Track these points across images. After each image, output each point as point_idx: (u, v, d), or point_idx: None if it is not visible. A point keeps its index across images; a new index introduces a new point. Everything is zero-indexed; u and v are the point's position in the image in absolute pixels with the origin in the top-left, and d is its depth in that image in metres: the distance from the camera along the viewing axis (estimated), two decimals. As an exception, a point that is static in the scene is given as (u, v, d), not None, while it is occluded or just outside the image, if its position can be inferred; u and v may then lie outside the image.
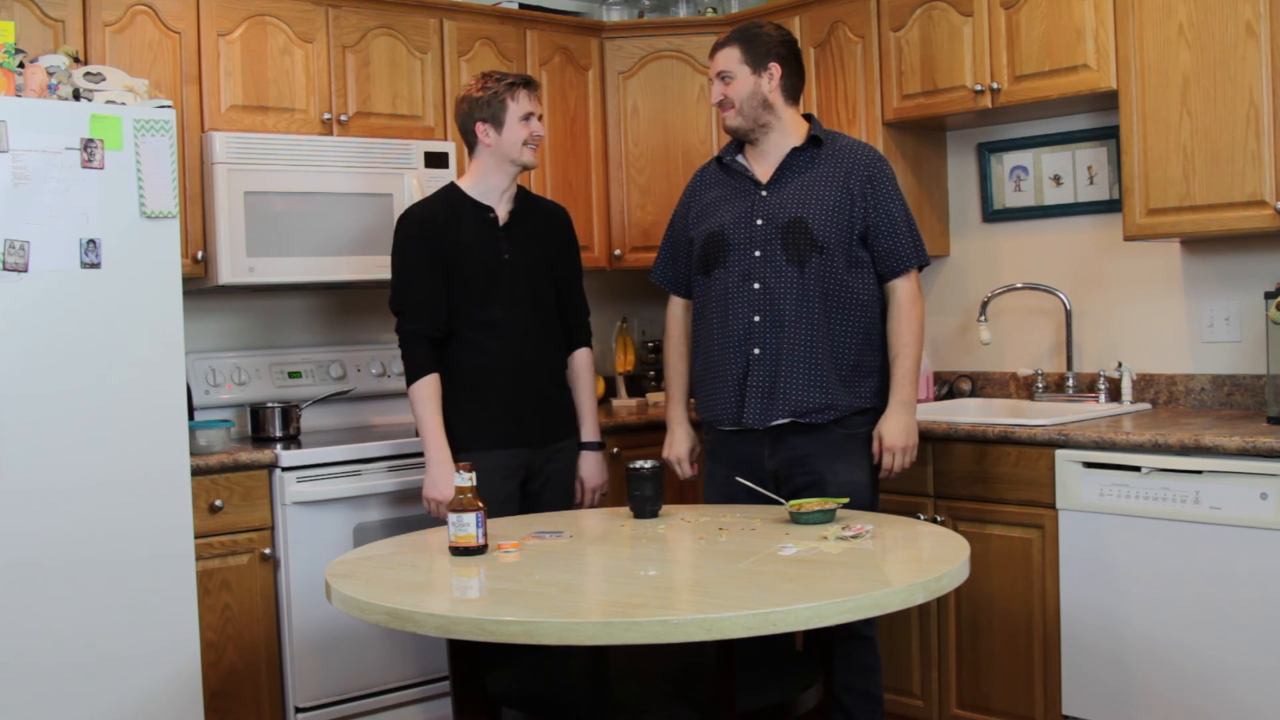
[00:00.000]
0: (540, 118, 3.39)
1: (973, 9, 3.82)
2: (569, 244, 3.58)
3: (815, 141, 3.20)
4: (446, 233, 3.35)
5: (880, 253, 3.17)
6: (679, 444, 3.37)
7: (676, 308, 3.40)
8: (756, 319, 3.13)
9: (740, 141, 3.28)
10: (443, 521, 3.21)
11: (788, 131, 3.21)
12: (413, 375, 3.32)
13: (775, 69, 3.18)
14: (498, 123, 3.34)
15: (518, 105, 3.33)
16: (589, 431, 3.56)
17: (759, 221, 3.15)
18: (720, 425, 3.20)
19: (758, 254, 3.14)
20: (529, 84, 3.39)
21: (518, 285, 3.39)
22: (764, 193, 3.17)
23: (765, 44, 3.19)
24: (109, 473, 3.07)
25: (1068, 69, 3.60)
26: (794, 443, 3.13)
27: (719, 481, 3.22)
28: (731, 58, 3.19)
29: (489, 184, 3.42)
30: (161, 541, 3.15)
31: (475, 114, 3.36)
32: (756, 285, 3.13)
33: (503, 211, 3.43)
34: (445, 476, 3.27)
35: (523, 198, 3.50)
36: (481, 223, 3.39)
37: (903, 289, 3.18)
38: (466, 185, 3.44)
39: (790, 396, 3.10)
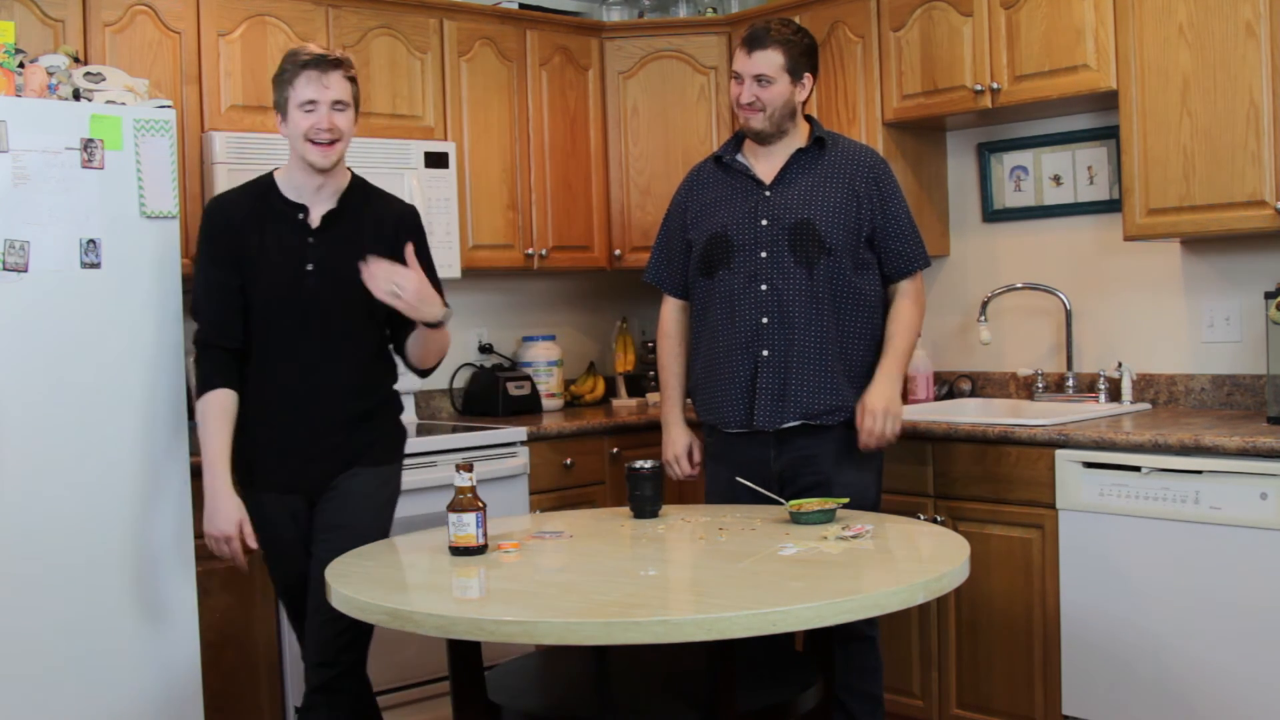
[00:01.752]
0: (338, 105, 2.82)
1: (973, 9, 3.82)
2: (400, 252, 2.86)
3: (819, 143, 3.20)
4: (245, 234, 2.89)
5: (888, 254, 3.16)
6: (676, 443, 3.35)
7: (671, 308, 3.38)
8: (764, 320, 3.12)
9: (739, 139, 3.27)
10: (229, 561, 2.92)
11: (797, 134, 3.21)
12: (199, 389, 2.89)
13: (808, 80, 3.18)
14: (283, 111, 2.84)
15: (296, 91, 2.80)
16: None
17: (764, 222, 3.14)
18: (726, 427, 3.19)
19: (764, 255, 3.13)
20: (320, 63, 2.80)
21: (317, 304, 2.86)
22: (768, 193, 3.16)
23: (804, 53, 3.15)
24: (109, 473, 3.07)
25: (1068, 69, 3.60)
26: (801, 444, 3.12)
27: (721, 483, 3.21)
28: (774, 62, 3.11)
29: (298, 179, 2.91)
30: (162, 541, 3.15)
31: (274, 96, 2.89)
32: (764, 287, 3.12)
33: (318, 213, 2.91)
34: (223, 509, 2.84)
35: (354, 195, 2.96)
36: (288, 225, 2.90)
37: (907, 288, 3.19)
38: (281, 177, 2.95)
39: (801, 398, 3.10)
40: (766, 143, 3.19)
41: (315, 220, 2.91)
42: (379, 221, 2.96)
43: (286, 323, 2.87)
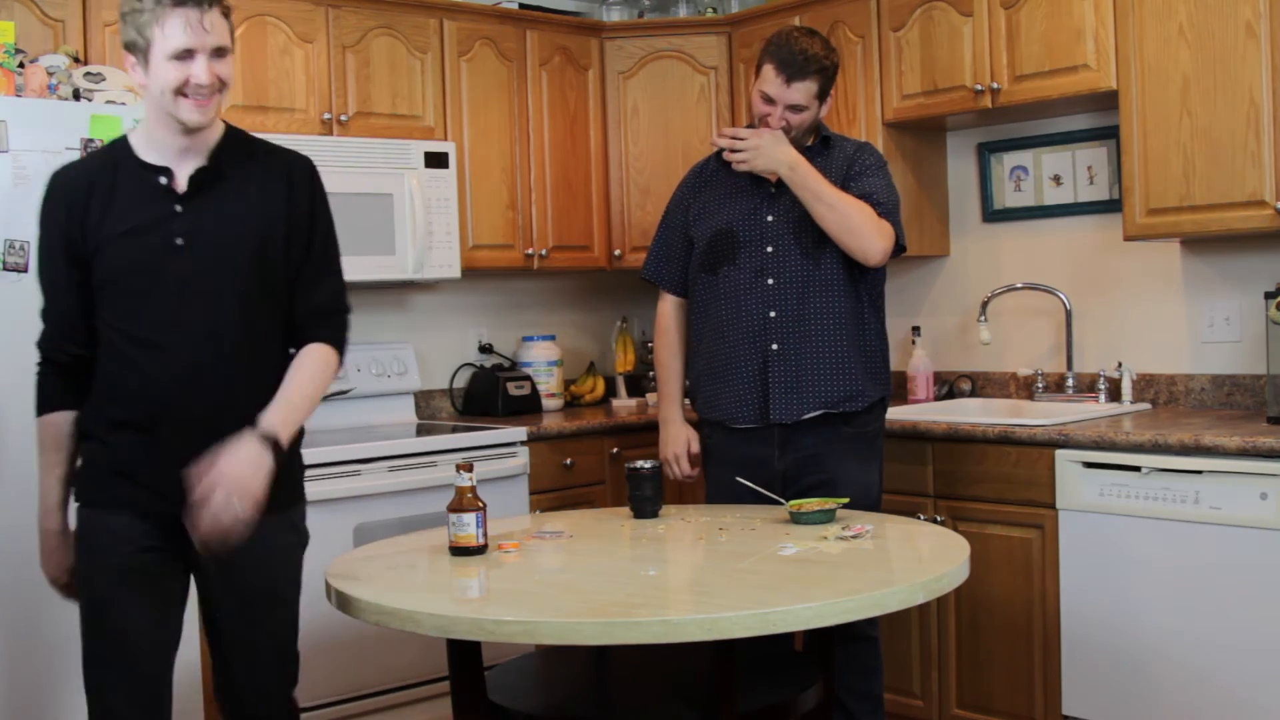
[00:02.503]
0: (218, 53, 2.27)
1: (973, 9, 3.82)
2: (298, 209, 2.42)
3: (825, 143, 3.20)
4: (89, 213, 2.34)
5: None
6: (676, 441, 3.33)
7: (669, 305, 3.36)
8: (772, 314, 3.11)
9: None
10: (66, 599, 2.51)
11: (805, 137, 3.21)
12: (37, 409, 2.50)
13: (830, 99, 3.20)
14: (144, 58, 2.28)
15: (165, 36, 2.24)
16: (268, 416, 2.31)
17: (770, 218, 3.14)
18: (735, 424, 3.16)
19: (770, 249, 3.12)
20: (197, 0, 2.25)
21: (191, 286, 2.33)
22: (774, 189, 3.16)
23: (834, 74, 3.15)
24: (109, 473, 3.07)
25: (1068, 69, 3.60)
26: (805, 442, 3.11)
27: (723, 484, 3.19)
28: (810, 92, 3.09)
29: (160, 138, 2.35)
30: (161, 541, 3.15)
31: (123, 38, 2.32)
32: (771, 280, 3.12)
33: (184, 174, 2.35)
34: (51, 554, 2.48)
35: (231, 148, 2.41)
36: (147, 193, 2.34)
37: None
38: (136, 138, 2.40)
39: (819, 389, 3.09)
40: None
41: (182, 183, 2.34)
42: (267, 175, 2.40)
43: (149, 314, 2.32)
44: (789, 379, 3.10)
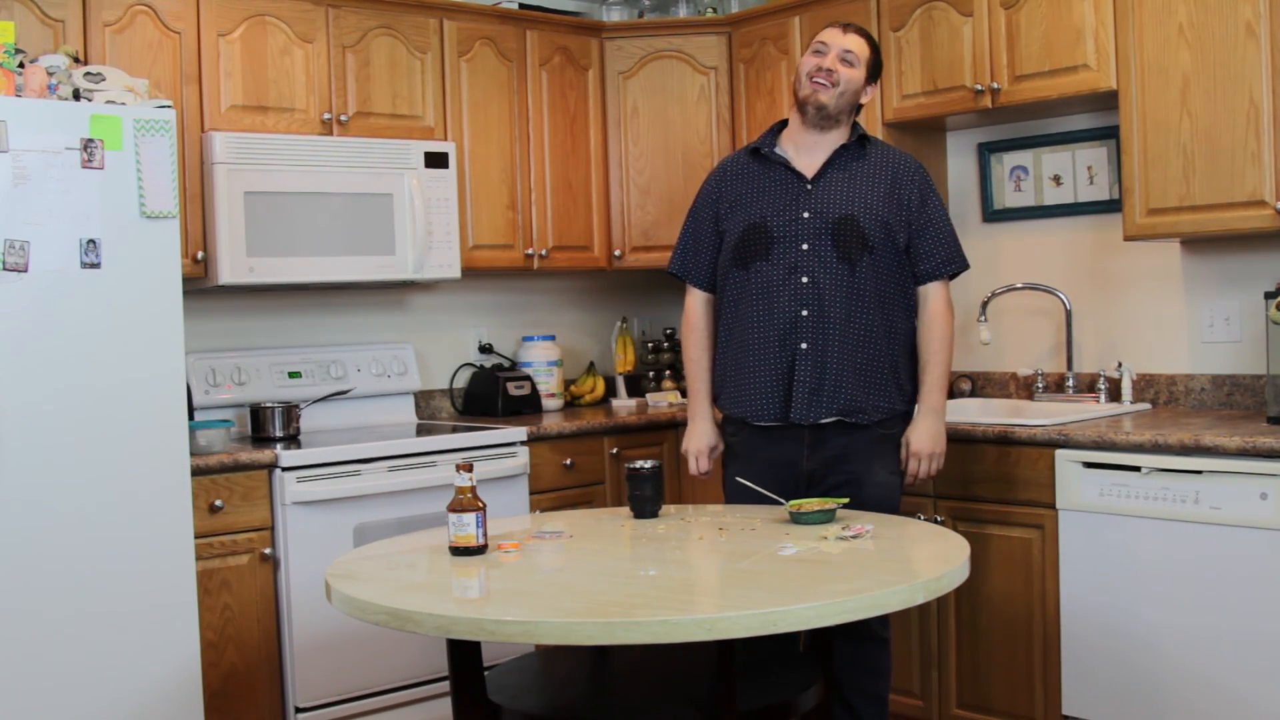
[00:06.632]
0: None
1: (973, 9, 3.82)
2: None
3: (861, 142, 3.20)
4: None
5: (921, 254, 3.16)
6: (700, 438, 3.30)
7: (696, 300, 3.33)
8: (804, 313, 3.09)
9: (776, 132, 3.26)
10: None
11: (843, 133, 3.20)
12: None
13: (871, 90, 3.24)
14: None
15: None
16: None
17: (805, 214, 3.12)
18: (756, 421, 3.14)
19: (805, 247, 3.10)
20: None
21: None
22: (809, 186, 3.15)
23: (879, 65, 3.25)
24: (109, 473, 3.07)
25: (1068, 69, 3.60)
26: (836, 443, 3.10)
27: (741, 483, 3.18)
28: (863, 50, 3.18)
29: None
30: (161, 542, 3.15)
31: None
32: (805, 279, 3.10)
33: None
34: None
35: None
36: None
37: (937, 294, 3.18)
38: None
39: (839, 394, 3.07)
40: (821, 127, 3.16)
41: None
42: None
43: None
44: (813, 380, 3.07)
